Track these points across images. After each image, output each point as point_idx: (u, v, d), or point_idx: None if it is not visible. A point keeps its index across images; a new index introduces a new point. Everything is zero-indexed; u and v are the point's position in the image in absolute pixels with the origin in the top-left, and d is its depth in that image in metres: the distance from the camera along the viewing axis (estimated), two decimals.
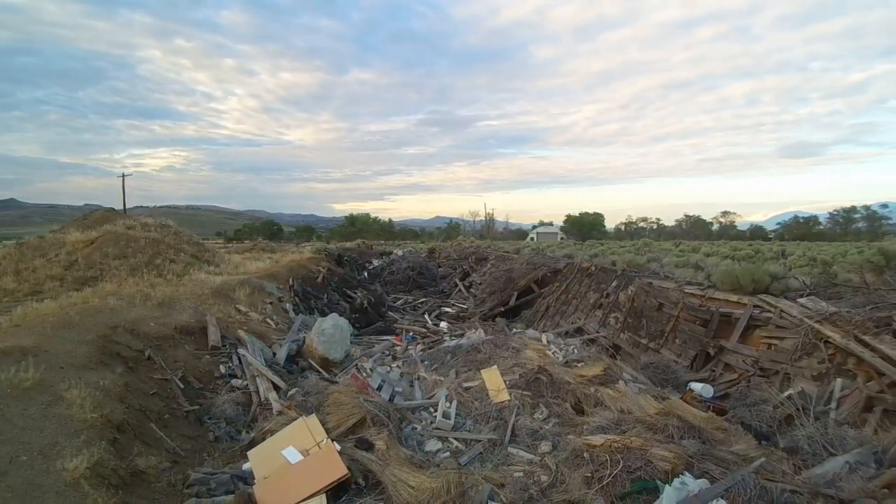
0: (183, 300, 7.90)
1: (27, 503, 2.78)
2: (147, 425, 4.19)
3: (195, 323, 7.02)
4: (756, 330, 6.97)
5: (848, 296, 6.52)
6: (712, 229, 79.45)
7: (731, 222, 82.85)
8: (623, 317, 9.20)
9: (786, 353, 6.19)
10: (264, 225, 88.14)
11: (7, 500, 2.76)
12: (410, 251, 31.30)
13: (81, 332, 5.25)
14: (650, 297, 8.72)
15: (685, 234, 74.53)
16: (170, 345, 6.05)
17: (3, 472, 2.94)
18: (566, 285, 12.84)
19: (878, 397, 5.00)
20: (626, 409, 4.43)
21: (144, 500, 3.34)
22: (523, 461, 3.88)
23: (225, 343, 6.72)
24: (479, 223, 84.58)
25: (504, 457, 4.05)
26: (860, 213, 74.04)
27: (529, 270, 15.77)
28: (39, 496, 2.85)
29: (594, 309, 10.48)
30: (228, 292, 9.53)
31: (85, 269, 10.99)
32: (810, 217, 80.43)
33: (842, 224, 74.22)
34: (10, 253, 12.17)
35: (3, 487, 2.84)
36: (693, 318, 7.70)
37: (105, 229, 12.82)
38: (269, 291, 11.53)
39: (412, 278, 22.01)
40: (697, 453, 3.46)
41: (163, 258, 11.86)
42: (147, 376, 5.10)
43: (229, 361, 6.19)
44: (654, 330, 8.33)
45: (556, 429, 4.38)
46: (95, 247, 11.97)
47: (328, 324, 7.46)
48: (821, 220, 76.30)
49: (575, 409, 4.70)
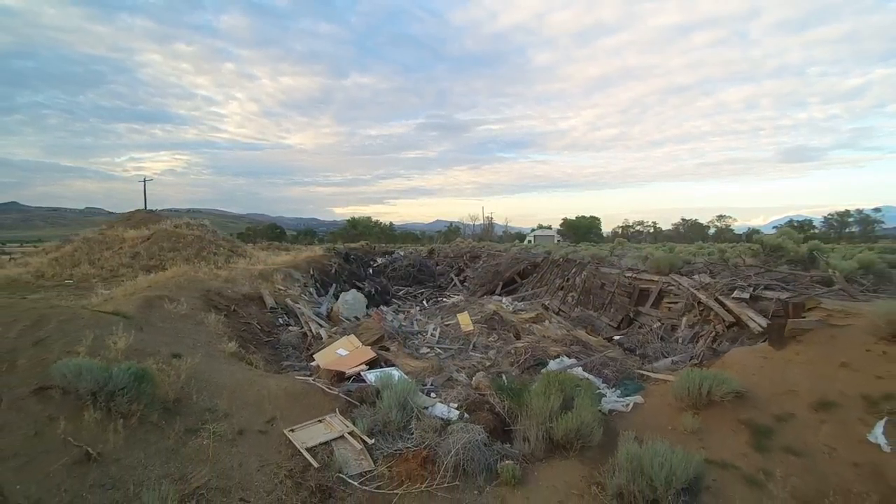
0: (239, 279, 10.47)
1: (212, 361, 5.32)
2: (250, 341, 6.75)
3: (253, 293, 9.59)
4: (664, 298, 9.53)
5: (724, 272, 9.06)
6: (709, 233, 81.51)
7: (726, 226, 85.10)
8: (577, 294, 11.75)
9: (677, 312, 8.75)
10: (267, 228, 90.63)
11: (203, 361, 5.29)
12: (411, 253, 33.83)
13: (191, 292, 7.83)
14: (596, 279, 11.28)
15: (682, 237, 76.73)
16: (242, 305, 8.62)
17: (194, 348, 5.50)
18: (541, 275, 15.39)
19: (721, 332, 7.56)
20: (546, 336, 6.94)
21: (259, 370, 5.88)
22: (477, 358, 6.39)
23: (277, 306, 9.29)
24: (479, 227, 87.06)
25: (467, 356, 6.57)
26: (854, 217, 76.46)
27: (514, 264, 18.31)
28: (217, 357, 5.41)
29: (558, 290, 13.04)
30: (268, 276, 12.10)
31: (147, 258, 13.55)
32: (805, 221, 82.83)
33: (836, 228, 76.59)
34: (79, 246, 14.75)
35: (199, 356, 5.39)
36: (623, 292, 10.26)
37: (157, 227, 15.41)
38: (295, 278, 14.11)
39: (413, 274, 24.51)
40: (576, 350, 5.97)
41: (207, 251, 14.43)
42: (237, 320, 7.66)
43: (283, 316, 8.75)
44: (598, 302, 10.88)
45: (500, 344, 6.92)
46: (152, 241, 14.54)
47: (350, 296, 10.03)
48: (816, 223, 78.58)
49: (515, 336, 7.21)
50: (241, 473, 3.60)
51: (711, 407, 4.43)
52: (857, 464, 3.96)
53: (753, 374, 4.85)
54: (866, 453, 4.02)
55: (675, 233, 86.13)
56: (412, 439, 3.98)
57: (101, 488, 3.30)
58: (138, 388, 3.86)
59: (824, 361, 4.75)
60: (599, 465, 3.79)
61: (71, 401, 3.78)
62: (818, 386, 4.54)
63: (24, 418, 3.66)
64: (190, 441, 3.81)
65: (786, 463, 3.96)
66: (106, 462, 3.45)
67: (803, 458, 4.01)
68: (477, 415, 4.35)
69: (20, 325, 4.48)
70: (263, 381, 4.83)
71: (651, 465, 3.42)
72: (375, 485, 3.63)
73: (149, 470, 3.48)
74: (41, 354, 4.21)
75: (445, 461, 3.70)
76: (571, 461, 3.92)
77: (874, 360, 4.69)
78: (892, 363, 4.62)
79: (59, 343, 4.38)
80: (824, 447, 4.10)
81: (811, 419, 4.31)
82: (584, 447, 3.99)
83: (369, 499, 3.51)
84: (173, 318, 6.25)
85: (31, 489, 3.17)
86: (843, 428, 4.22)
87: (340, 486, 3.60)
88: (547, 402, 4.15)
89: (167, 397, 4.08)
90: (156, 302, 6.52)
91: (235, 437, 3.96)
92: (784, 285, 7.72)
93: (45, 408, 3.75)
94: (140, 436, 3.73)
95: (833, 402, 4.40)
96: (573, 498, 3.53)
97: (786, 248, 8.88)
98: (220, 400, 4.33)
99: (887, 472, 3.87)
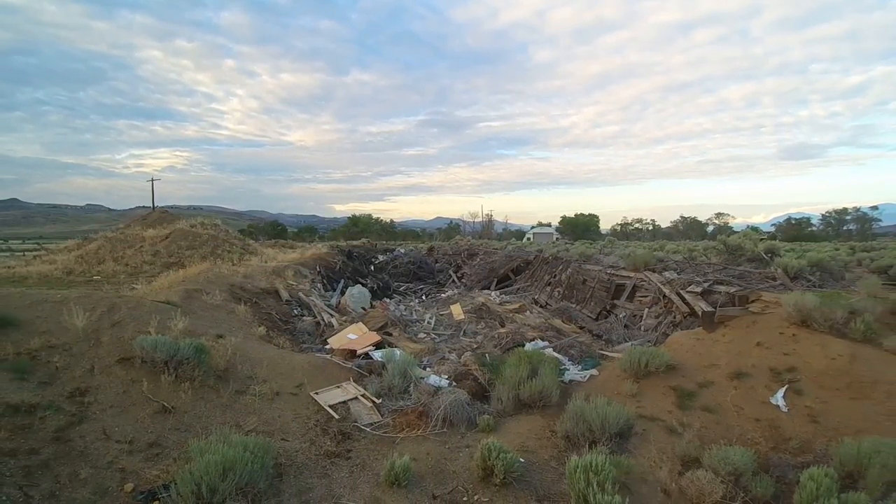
0: (256, 275, 11.60)
1: (248, 341, 6.44)
2: (272, 328, 7.88)
3: (270, 287, 10.71)
4: (637, 293, 10.65)
5: (688, 269, 10.18)
6: (707, 230, 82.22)
7: (725, 223, 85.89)
8: (562, 290, 12.87)
9: (646, 304, 9.87)
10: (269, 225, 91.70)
11: (242, 341, 6.39)
12: (411, 250, 34.97)
13: (218, 285, 8.95)
14: (579, 275, 12.40)
15: (681, 235, 77.55)
16: (262, 297, 9.75)
17: (231, 331, 6.61)
18: (532, 272, 16.51)
19: (680, 321, 8.68)
20: (526, 324, 8.06)
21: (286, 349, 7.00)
22: (466, 342, 7.52)
23: (291, 299, 10.41)
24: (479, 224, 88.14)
25: (458, 340, 7.70)
26: (851, 215, 77.39)
27: (508, 262, 19.42)
28: (251, 338, 6.53)
29: (546, 286, 14.17)
30: (280, 272, 13.23)
31: (167, 256, 14.68)
32: (803, 218, 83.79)
33: (834, 225, 77.55)
34: (103, 245, 15.88)
35: (238, 337, 6.50)
36: (602, 287, 11.38)
37: (174, 227, 16.55)
38: (304, 274, 15.25)
39: (413, 271, 25.63)
40: (550, 335, 7.09)
41: (222, 249, 15.56)
42: (258, 310, 8.79)
43: (298, 308, 9.88)
44: (580, 296, 12.00)
45: (486, 331, 8.05)
46: (170, 240, 15.67)
47: (356, 290, 11.16)
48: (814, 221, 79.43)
49: (500, 324, 8.33)
50: (281, 422, 4.73)
51: (648, 377, 5.55)
52: (758, 419, 5.08)
53: (686, 351, 5.97)
54: (767, 412, 5.14)
55: (674, 230, 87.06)
56: (411, 400, 5.10)
57: (177, 431, 4.42)
58: (198, 359, 4.98)
59: (743, 341, 5.86)
60: (556, 418, 4.91)
61: (148, 368, 4.90)
62: (735, 360, 5.66)
63: (113, 381, 4.79)
64: (239, 399, 4.94)
65: (701, 418, 5.08)
66: (179, 413, 4.58)
67: (716, 414, 5.13)
68: (462, 383, 5.48)
69: (99, 310, 5.60)
70: (291, 357, 5.96)
71: (591, 415, 4.54)
72: (383, 431, 4.76)
73: (211, 419, 4.61)
74: (119, 333, 5.34)
75: (436, 415, 4.82)
76: (534, 416, 5.05)
77: (784, 340, 5.81)
78: (798, 343, 5.74)
79: (131, 325, 5.50)
80: (734, 407, 5.22)
81: (727, 385, 5.43)
82: (544, 406, 5.12)
83: (378, 440, 4.64)
84: (209, 308, 7.37)
85: (127, 430, 4.29)
86: (752, 393, 5.34)
87: (356, 432, 4.74)
88: (518, 371, 5.28)
89: (218, 367, 5.21)
90: (194, 294, 7.64)
91: (273, 397, 5.08)
92: (737, 281, 8.84)
93: (128, 373, 4.88)
94: (202, 395, 4.85)
95: (746, 373, 5.52)
96: (533, 440, 4.65)
97: (745, 248, 9.98)
98: (258, 370, 5.45)
99: (782, 426, 5.00)
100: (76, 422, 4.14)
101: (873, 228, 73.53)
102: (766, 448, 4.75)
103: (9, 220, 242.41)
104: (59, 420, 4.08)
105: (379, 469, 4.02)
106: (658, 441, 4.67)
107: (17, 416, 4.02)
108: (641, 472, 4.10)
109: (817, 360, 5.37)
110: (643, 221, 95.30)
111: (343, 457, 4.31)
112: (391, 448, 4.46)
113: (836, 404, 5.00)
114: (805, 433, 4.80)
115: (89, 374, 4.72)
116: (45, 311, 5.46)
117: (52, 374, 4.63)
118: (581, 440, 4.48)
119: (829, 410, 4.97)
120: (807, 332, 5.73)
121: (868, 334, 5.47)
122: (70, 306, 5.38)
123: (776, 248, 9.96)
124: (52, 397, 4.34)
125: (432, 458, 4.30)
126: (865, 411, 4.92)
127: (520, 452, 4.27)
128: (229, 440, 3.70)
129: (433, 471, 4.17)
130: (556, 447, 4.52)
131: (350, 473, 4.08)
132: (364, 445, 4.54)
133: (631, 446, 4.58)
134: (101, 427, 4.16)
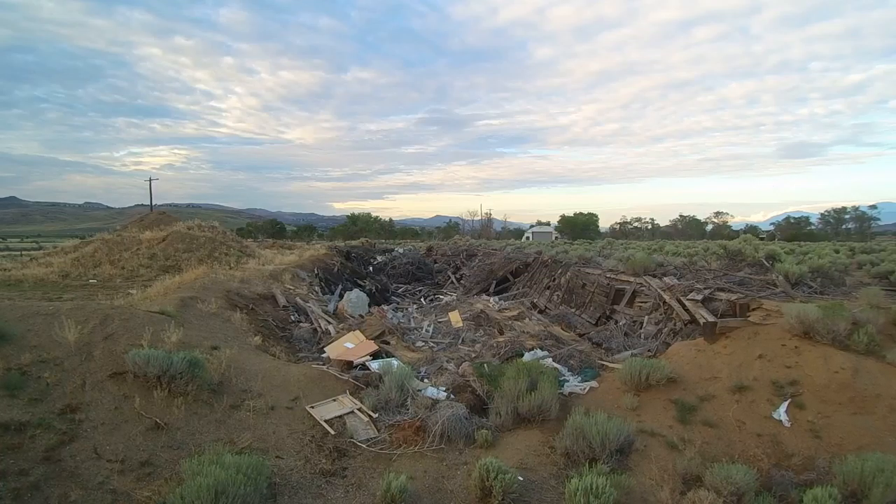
0: (253, 280, 11.52)
1: (243, 352, 6.36)
2: (268, 335, 7.81)
3: (266, 293, 10.63)
4: (637, 298, 10.59)
5: (688, 275, 10.11)
6: (706, 229, 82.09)
7: (724, 222, 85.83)
8: (562, 293, 12.81)
9: (646, 310, 9.81)
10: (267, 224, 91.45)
11: (237, 352, 6.31)
12: (410, 249, 34.87)
13: (214, 292, 8.86)
14: (578, 279, 12.33)
15: (679, 234, 77.48)
16: (258, 304, 9.66)
17: (226, 341, 6.54)
18: (531, 275, 16.44)
19: (680, 329, 8.62)
20: (525, 331, 8.01)
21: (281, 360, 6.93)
22: (465, 350, 7.45)
23: (288, 305, 10.33)
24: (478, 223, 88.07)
25: (456, 349, 7.64)
26: (850, 214, 77.38)
27: (506, 264, 19.35)
28: (246, 349, 6.45)
29: (545, 290, 14.10)
30: (277, 276, 13.15)
31: (164, 259, 14.59)
32: (801, 217, 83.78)
33: (832, 224, 77.52)
34: (99, 247, 15.76)
35: (233, 348, 6.42)
36: (602, 291, 11.31)
37: (171, 229, 16.44)
38: (302, 277, 15.16)
39: (411, 272, 25.55)
40: (548, 343, 7.03)
41: (219, 252, 15.46)
42: (255, 318, 8.70)
43: (295, 314, 9.80)
44: (579, 301, 11.94)
45: (485, 339, 7.98)
46: (167, 243, 15.57)
47: (354, 295, 11.08)
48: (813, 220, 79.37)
49: (498, 332, 8.27)
50: (276, 438, 4.65)
51: (649, 390, 5.48)
52: (760, 434, 5.02)
53: (687, 363, 5.91)
54: (769, 427, 5.08)
55: (673, 229, 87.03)
56: (408, 413, 5.03)
57: (169, 448, 4.34)
58: (192, 373, 4.90)
59: (745, 353, 5.80)
60: (555, 433, 4.84)
61: (140, 383, 4.82)
62: (737, 373, 5.60)
63: (104, 397, 4.71)
64: (234, 414, 4.86)
65: (703, 433, 5.01)
66: (172, 429, 4.50)
67: (717, 429, 5.07)
68: (461, 395, 5.41)
69: (91, 323, 5.51)
70: (286, 369, 5.88)
71: (591, 431, 4.47)
72: (379, 447, 4.68)
73: (205, 435, 4.53)
74: (111, 347, 5.25)
75: (434, 430, 4.75)
76: (533, 430, 4.98)
77: (786, 352, 5.75)
78: (800, 355, 5.67)
79: (124, 337, 5.41)
80: (735, 421, 5.16)
81: (728, 399, 5.37)
82: (543, 420, 5.05)
83: (374, 457, 4.56)
84: (205, 316, 7.29)
85: (119, 448, 4.21)
86: (753, 406, 5.28)
87: (352, 448, 4.66)
88: (516, 384, 5.20)
89: (213, 380, 5.12)
90: (189, 302, 7.55)
91: (268, 412, 5.01)
92: (738, 287, 8.77)
93: (120, 388, 4.79)
94: (195, 410, 4.77)
95: (747, 387, 5.45)
96: (532, 456, 4.58)
97: (745, 253, 9.92)
98: (253, 383, 5.37)
99: (784, 441, 4.94)
100: (67, 440, 4.06)
101: (872, 227, 73.59)
102: (767, 465, 4.69)
103: (7, 218, 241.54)
104: (49, 439, 4.00)
105: (375, 489, 3.95)
106: (659, 458, 4.61)
107: (6, 434, 3.94)
108: (642, 492, 4.04)
109: (819, 374, 5.31)
110: (642, 220, 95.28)
111: (339, 475, 4.24)
112: (388, 465, 4.39)
113: (839, 419, 4.94)
114: (807, 449, 4.74)
115: (81, 390, 4.64)
116: (36, 324, 5.37)
117: (42, 390, 4.55)
118: (581, 457, 4.41)
119: (831, 425, 4.91)
120: (809, 344, 5.67)
121: (871, 347, 5.41)
122: (62, 319, 5.29)
123: (776, 254, 9.90)
124: (43, 415, 4.26)
125: (430, 477, 4.24)
126: (868, 426, 4.87)
127: (518, 470, 4.20)
128: (222, 461, 3.62)
129: (430, 490, 4.10)
130: (555, 464, 4.45)
131: (346, 493, 4.01)
132: (360, 463, 4.47)
133: (631, 463, 4.52)
134: (93, 445, 4.08)
